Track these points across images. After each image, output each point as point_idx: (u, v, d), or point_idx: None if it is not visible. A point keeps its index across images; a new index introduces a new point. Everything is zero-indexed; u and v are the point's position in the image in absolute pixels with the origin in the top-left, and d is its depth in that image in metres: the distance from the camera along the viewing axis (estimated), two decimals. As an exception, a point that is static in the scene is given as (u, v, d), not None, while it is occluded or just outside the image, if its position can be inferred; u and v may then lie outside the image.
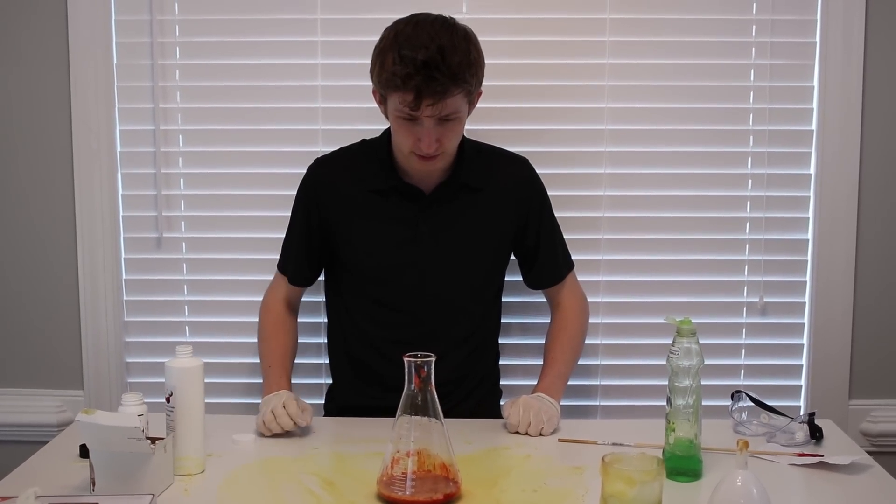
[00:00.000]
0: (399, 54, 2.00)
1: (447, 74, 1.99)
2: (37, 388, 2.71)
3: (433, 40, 2.00)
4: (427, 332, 2.21)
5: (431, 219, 2.22)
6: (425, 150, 2.07)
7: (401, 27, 2.07)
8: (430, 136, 2.06)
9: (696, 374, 1.79)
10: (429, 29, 2.03)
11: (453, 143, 2.13)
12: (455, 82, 2.01)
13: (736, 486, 1.49)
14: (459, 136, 2.15)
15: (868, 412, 2.67)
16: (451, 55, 2.00)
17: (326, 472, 1.85)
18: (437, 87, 1.99)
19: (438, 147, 2.08)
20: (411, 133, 2.08)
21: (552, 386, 2.19)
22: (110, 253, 2.64)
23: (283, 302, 2.35)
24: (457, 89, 2.02)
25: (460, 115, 2.09)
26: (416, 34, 2.02)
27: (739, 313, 2.66)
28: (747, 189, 2.62)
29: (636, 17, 2.56)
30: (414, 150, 2.10)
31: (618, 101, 2.59)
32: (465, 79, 2.03)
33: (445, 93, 2.01)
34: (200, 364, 1.82)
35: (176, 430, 1.80)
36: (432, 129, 2.05)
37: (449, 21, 2.08)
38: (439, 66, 1.98)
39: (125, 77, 2.60)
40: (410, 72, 1.98)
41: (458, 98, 2.05)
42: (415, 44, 2.00)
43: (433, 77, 1.98)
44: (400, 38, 2.03)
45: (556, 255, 2.37)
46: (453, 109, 2.05)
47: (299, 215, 2.31)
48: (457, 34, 2.05)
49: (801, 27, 2.57)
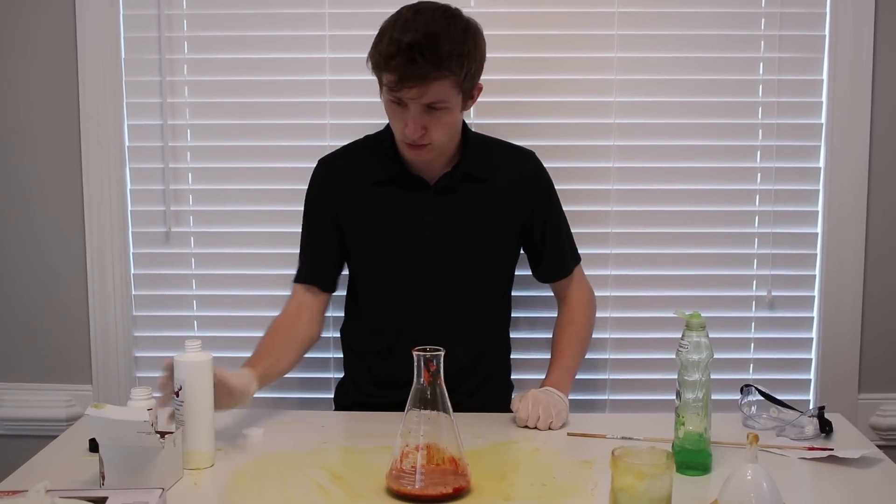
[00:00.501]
0: (391, 36, 2.02)
1: (430, 60, 1.99)
2: (46, 382, 2.72)
3: (427, 25, 2.01)
4: (435, 324, 2.21)
5: (436, 209, 2.22)
6: (409, 135, 2.07)
7: (403, 11, 2.08)
8: (416, 123, 2.06)
9: (706, 368, 1.79)
10: (427, 16, 2.04)
11: (441, 134, 2.11)
12: (437, 68, 2.00)
13: (746, 480, 1.49)
14: (449, 127, 2.13)
15: (878, 406, 2.67)
16: (442, 42, 2.00)
17: (335, 466, 1.85)
18: (417, 70, 1.99)
19: (425, 135, 2.08)
20: (400, 118, 2.08)
21: (561, 380, 2.19)
22: (119, 247, 2.64)
23: (296, 312, 2.27)
24: (440, 76, 2.01)
25: (449, 106, 2.07)
26: (415, 19, 2.03)
27: (748, 307, 2.66)
28: (756, 183, 2.62)
29: (644, 11, 2.56)
30: (402, 136, 2.11)
31: (626, 95, 2.58)
32: (450, 67, 2.02)
33: (426, 77, 2.00)
34: (209, 358, 1.82)
35: (185, 424, 1.80)
36: (418, 115, 2.05)
37: (452, 11, 2.08)
38: (423, 50, 1.98)
39: (133, 72, 2.61)
40: (393, 52, 1.99)
41: (445, 86, 2.04)
42: (407, 27, 2.01)
43: (414, 60, 1.98)
44: (398, 22, 2.04)
45: (564, 248, 2.36)
46: (439, 98, 2.04)
47: (310, 220, 2.30)
48: (455, 23, 2.05)
49: (810, 20, 2.57)
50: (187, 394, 1.79)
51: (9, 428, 2.71)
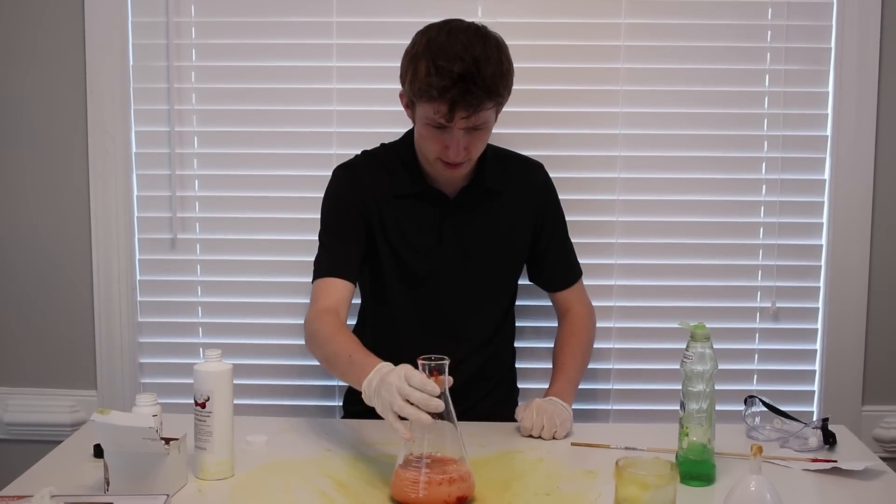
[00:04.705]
0: (434, 64, 1.98)
1: (482, 87, 1.97)
2: (51, 387, 2.72)
3: (468, 51, 1.98)
4: (451, 334, 2.21)
5: (456, 223, 2.23)
6: (453, 158, 2.07)
7: (433, 34, 2.04)
8: (459, 145, 2.05)
9: (710, 379, 1.79)
10: (462, 38, 2.00)
11: (479, 151, 2.12)
12: (489, 95, 2.00)
13: (749, 492, 1.49)
14: (485, 143, 2.13)
15: (881, 418, 2.67)
16: (486, 67, 1.98)
17: (340, 474, 1.85)
18: (472, 99, 1.97)
19: (465, 154, 2.08)
20: (439, 140, 2.07)
21: (564, 390, 2.19)
22: (125, 254, 2.65)
23: (332, 312, 2.11)
24: (491, 102, 2.01)
25: (489, 125, 2.08)
26: (450, 43, 2.00)
27: (753, 318, 2.66)
28: (761, 194, 2.62)
29: (651, 22, 2.56)
30: (440, 156, 2.09)
31: (632, 106, 2.59)
32: (499, 91, 2.02)
33: (480, 105, 1.99)
34: (231, 367, 1.81)
35: (213, 434, 1.79)
36: (461, 138, 2.05)
37: (482, 30, 2.06)
38: (475, 78, 1.96)
39: (141, 79, 2.61)
40: (447, 84, 1.96)
41: (490, 110, 2.04)
42: (449, 54, 1.98)
43: (469, 90, 1.96)
44: (433, 47, 2.01)
45: (569, 257, 2.38)
46: (484, 120, 2.04)
47: (338, 218, 2.22)
48: (489, 44, 2.03)
49: (817, 33, 2.57)
50: (216, 404, 1.78)
51: (14, 433, 2.72)
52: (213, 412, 1.78)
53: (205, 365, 1.79)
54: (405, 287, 2.26)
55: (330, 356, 2.02)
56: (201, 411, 1.79)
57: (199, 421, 1.79)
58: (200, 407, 1.78)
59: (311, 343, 2.10)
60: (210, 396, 1.78)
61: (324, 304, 2.12)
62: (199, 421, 1.79)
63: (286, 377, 2.68)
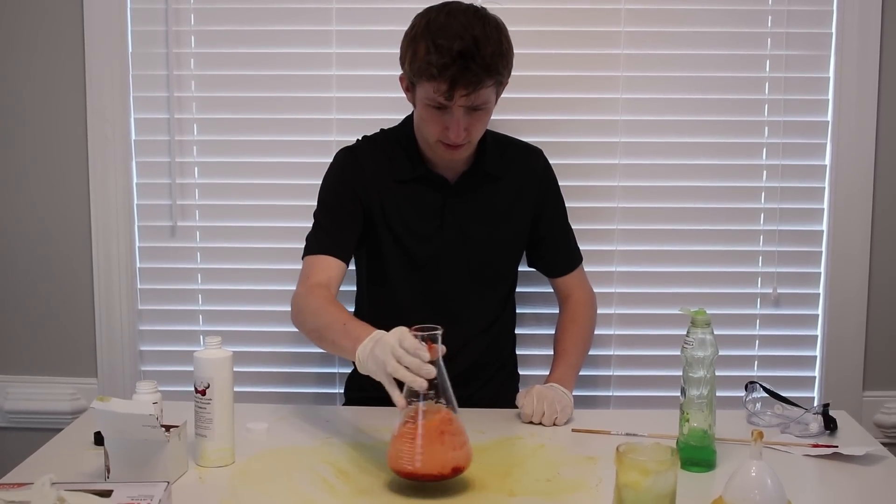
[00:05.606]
0: (434, 43, 1.99)
1: (482, 65, 1.99)
2: (51, 375, 2.72)
3: (467, 30, 1.99)
4: (451, 320, 2.20)
5: (456, 208, 2.23)
6: (453, 139, 2.07)
7: (433, 15, 2.06)
8: (459, 126, 2.06)
9: (711, 365, 1.79)
10: (462, 18, 2.02)
11: (479, 133, 2.13)
12: (489, 73, 2.01)
13: (750, 477, 1.49)
14: (486, 125, 2.14)
15: (882, 403, 2.67)
16: (485, 46, 1.99)
17: (340, 461, 1.85)
18: (471, 77, 1.99)
19: (466, 136, 2.09)
20: (439, 121, 2.07)
21: (565, 376, 2.19)
22: (124, 241, 2.65)
23: (324, 286, 2.07)
24: (490, 80, 2.02)
25: (489, 106, 2.09)
26: (449, 23, 2.01)
27: (753, 304, 2.66)
28: (762, 180, 2.62)
29: (651, 8, 2.56)
30: (441, 138, 2.10)
31: (633, 92, 2.58)
32: (499, 70, 2.03)
33: (479, 83, 2.00)
34: (231, 355, 1.81)
35: (213, 422, 1.79)
36: (461, 118, 2.05)
37: (481, 11, 2.07)
38: (474, 56, 1.97)
39: (140, 65, 2.61)
40: (447, 62, 1.97)
41: (490, 89, 2.05)
42: (449, 33, 1.99)
43: (468, 67, 1.98)
44: (433, 27, 2.02)
45: (570, 243, 2.39)
46: (484, 100, 2.05)
47: (337, 199, 2.21)
48: (489, 24, 2.04)
49: (817, 18, 2.56)
50: (216, 392, 1.78)
51: (14, 421, 2.72)
52: (213, 399, 1.78)
53: (205, 352, 1.79)
54: (406, 272, 2.25)
55: (322, 326, 1.97)
56: (201, 398, 1.79)
57: (200, 408, 1.79)
58: (200, 394, 1.79)
59: (299, 317, 2.07)
60: (210, 384, 1.78)
61: (315, 280, 2.10)
62: (200, 408, 1.79)
63: (286, 364, 2.68)
